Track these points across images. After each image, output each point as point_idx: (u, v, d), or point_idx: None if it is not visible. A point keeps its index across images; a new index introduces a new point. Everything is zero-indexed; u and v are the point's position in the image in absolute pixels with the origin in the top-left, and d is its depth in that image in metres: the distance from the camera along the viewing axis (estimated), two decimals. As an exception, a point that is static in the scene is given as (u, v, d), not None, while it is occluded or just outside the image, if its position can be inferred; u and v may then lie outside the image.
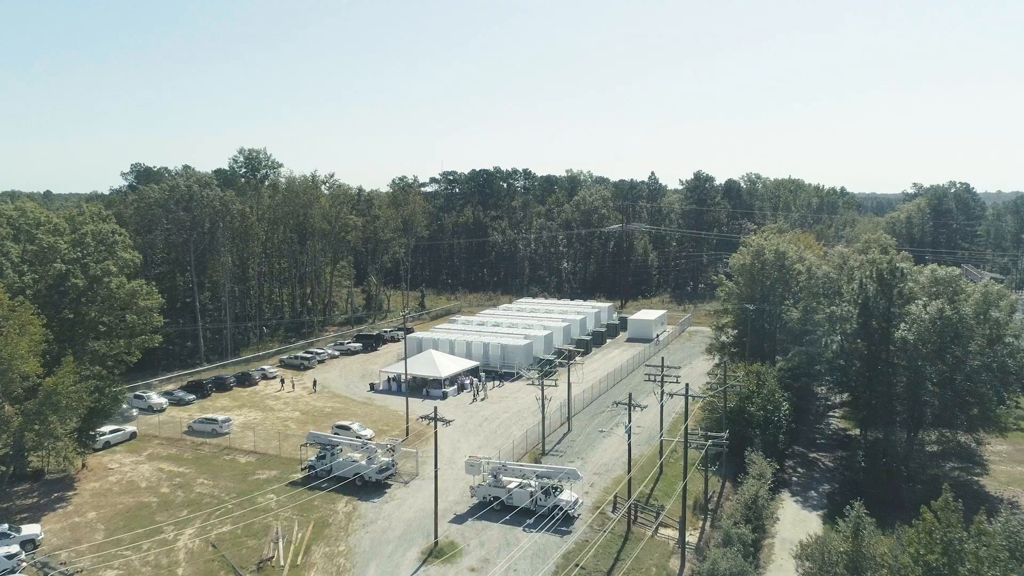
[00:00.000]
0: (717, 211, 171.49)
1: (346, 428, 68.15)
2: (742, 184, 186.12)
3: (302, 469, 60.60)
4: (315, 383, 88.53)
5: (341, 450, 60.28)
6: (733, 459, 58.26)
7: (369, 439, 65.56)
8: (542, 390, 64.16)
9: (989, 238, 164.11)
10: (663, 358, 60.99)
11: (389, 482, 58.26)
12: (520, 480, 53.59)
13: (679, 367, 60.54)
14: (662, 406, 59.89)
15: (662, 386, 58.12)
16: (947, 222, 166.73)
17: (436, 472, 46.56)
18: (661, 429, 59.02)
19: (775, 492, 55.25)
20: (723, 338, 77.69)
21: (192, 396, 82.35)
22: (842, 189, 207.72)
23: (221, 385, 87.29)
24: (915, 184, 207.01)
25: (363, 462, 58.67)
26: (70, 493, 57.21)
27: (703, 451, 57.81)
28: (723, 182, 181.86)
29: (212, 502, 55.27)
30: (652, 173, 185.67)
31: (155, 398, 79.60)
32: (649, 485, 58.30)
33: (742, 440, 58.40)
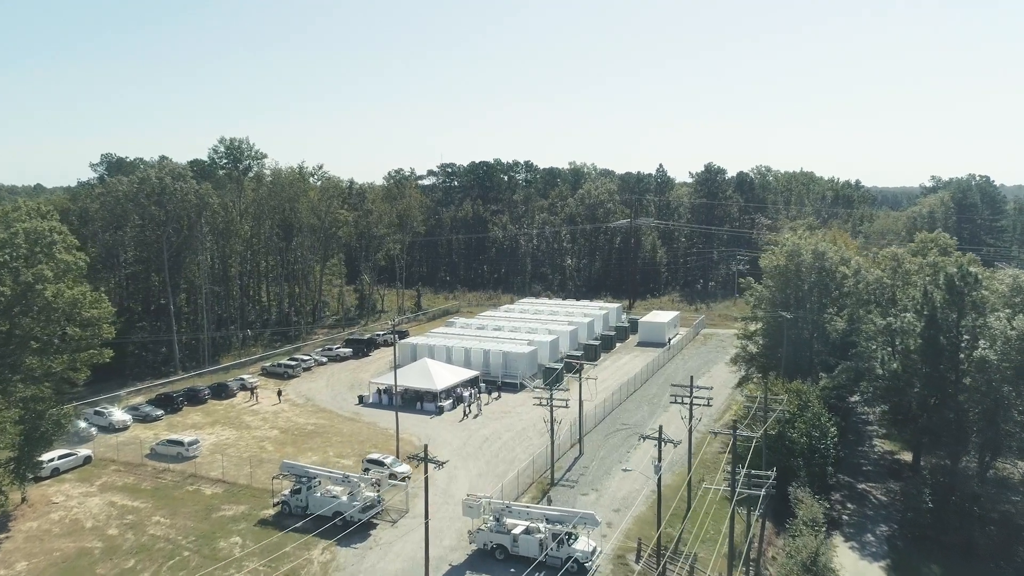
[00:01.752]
0: (728, 205, 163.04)
1: (379, 463, 56.95)
2: (753, 177, 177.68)
3: (274, 505, 52.51)
4: (280, 394, 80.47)
5: (319, 483, 52.27)
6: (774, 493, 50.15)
7: (405, 476, 55.71)
8: (551, 411, 55.94)
9: (1016, 233, 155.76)
10: (691, 377, 52.81)
11: (375, 521, 50.18)
12: (527, 524, 45.49)
13: (710, 388, 52.11)
14: (690, 434, 51.81)
15: (691, 412, 50.04)
16: (971, 217, 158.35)
17: (427, 524, 38.42)
18: (690, 462, 50.89)
19: (827, 535, 47.08)
20: (751, 348, 69.42)
21: (160, 411, 74.17)
22: (857, 182, 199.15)
23: (194, 398, 79.11)
24: (933, 177, 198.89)
25: (344, 498, 50.61)
26: (1, 536, 49.07)
27: (738, 486, 49.74)
28: (734, 175, 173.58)
29: (166, 548, 47.16)
30: (660, 165, 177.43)
31: (118, 414, 71.41)
32: (676, 525, 50.24)
33: (783, 471, 50.25)
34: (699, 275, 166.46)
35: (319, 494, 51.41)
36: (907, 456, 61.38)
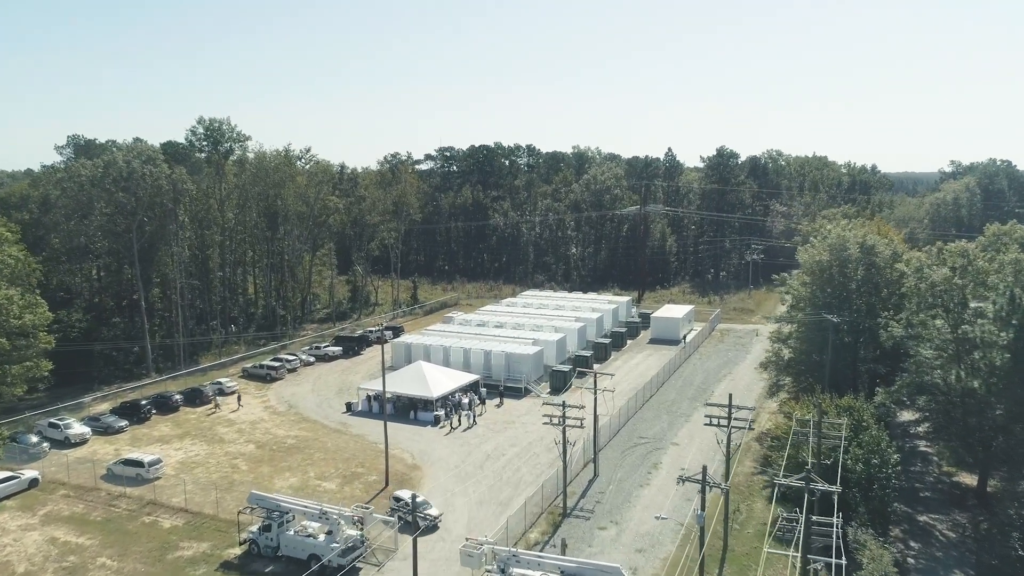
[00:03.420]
0: (741, 191, 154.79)
1: (404, 503, 47.02)
2: (768, 162, 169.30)
3: (241, 544, 44.96)
4: (239, 399, 73.05)
5: (293, 518, 44.74)
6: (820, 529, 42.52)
7: (436, 518, 46.58)
8: (563, 433, 48.21)
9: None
10: (730, 395, 45.04)
11: (358, 565, 42.61)
12: (538, 575, 37.93)
13: (752, 408, 44.40)
14: (728, 464, 44.20)
15: (728, 440, 42.39)
16: (997, 203, 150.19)
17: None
18: (727, 497, 43.27)
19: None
20: (786, 353, 61.56)
21: (124, 422, 66.37)
22: (873, 167, 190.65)
23: (164, 405, 71.46)
24: (953, 162, 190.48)
25: (321, 537, 43.15)
26: (-85, 585, 41.63)
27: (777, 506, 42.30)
28: (746, 159, 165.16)
29: (107, 602, 39.67)
30: (669, 149, 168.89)
31: (76, 427, 63.56)
32: (712, 569, 42.76)
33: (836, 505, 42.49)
34: (709, 265, 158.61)
35: (292, 532, 43.95)
36: (968, 479, 53.88)
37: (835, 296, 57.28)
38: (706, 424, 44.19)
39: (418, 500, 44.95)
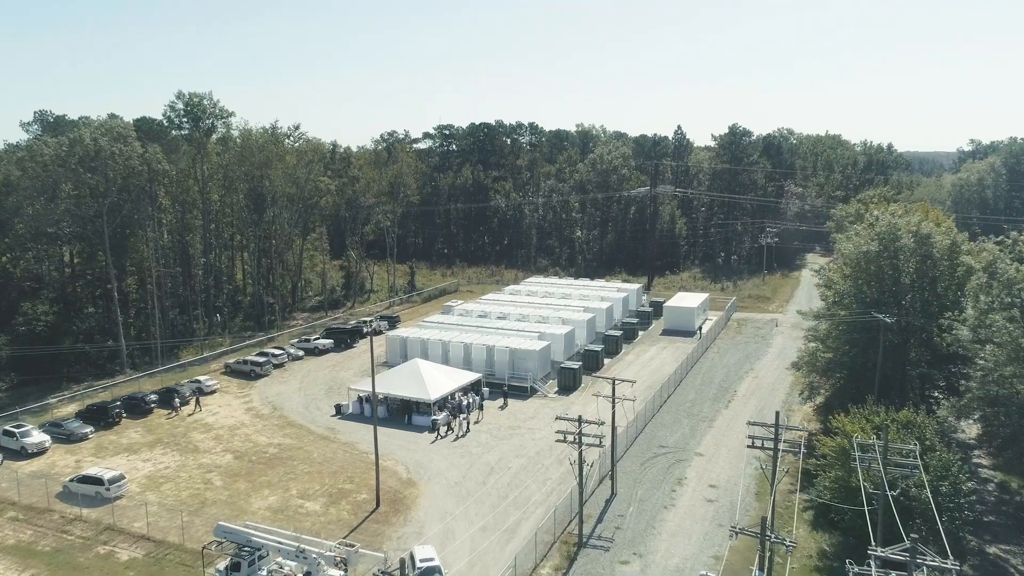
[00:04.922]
0: (754, 172, 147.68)
1: (414, 563, 38.03)
2: (780, 141, 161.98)
3: (206, 584, 38.83)
4: (197, 401, 66.63)
5: (267, 554, 38.53)
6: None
7: None
8: (580, 454, 41.85)
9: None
10: (777, 413, 38.52)
11: (341, 611, 36.51)
12: (554, 634, 31.79)
13: (802, 428, 37.91)
14: (773, 495, 37.84)
15: (775, 467, 36.01)
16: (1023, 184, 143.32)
17: None
18: (764, 541, 37.04)
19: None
20: (824, 354, 55.02)
21: (88, 428, 60.02)
22: (889, 146, 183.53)
23: (136, 407, 65.09)
24: (972, 140, 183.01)
25: (299, 580, 36.97)
26: None
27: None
28: (758, 138, 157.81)
29: (43, 662, 33.52)
30: (679, 127, 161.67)
31: (34, 435, 57.27)
32: (755, 615, 36.54)
33: (899, 540, 36.24)
34: (720, 248, 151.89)
35: (265, 572, 37.73)
36: (1033, 498, 47.69)
37: (883, 291, 50.72)
38: (749, 446, 37.78)
39: (431, 564, 38.17)
